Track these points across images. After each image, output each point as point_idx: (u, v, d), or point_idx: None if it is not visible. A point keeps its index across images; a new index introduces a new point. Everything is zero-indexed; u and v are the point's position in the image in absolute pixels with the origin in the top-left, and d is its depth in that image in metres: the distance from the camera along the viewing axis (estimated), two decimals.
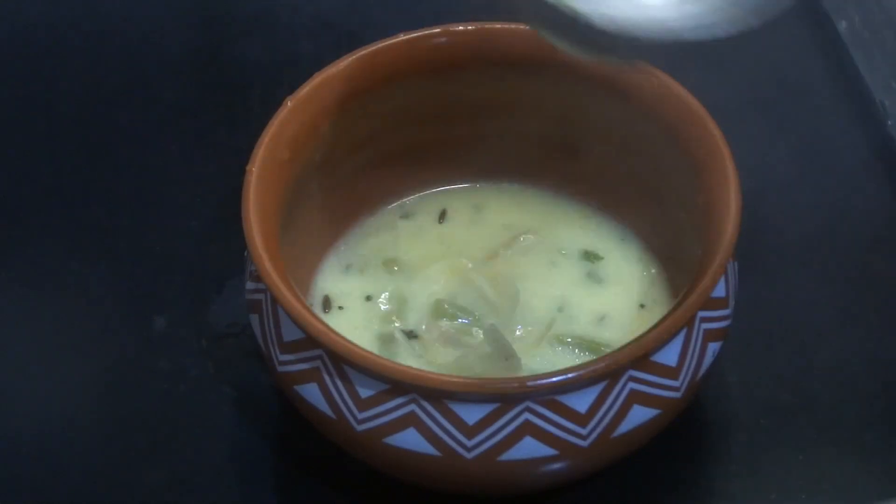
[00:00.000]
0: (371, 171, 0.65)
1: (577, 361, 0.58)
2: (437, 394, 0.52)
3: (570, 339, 0.60)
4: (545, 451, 0.53)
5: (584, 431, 0.53)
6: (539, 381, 0.52)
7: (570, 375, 0.52)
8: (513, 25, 0.61)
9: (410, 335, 0.60)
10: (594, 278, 0.62)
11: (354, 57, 0.61)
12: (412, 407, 0.53)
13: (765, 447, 0.61)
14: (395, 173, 0.65)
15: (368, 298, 0.62)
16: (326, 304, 0.62)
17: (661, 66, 0.53)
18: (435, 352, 0.59)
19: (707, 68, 0.62)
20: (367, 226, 0.65)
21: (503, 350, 0.57)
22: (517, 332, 0.60)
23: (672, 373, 0.54)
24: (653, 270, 0.63)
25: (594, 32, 0.44)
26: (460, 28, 0.62)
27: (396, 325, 0.60)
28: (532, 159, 0.65)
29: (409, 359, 0.59)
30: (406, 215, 0.65)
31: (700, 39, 0.45)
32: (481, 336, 0.59)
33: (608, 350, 0.57)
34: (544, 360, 0.59)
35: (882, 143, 0.73)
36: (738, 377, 0.63)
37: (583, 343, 0.59)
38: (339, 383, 0.54)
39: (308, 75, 0.60)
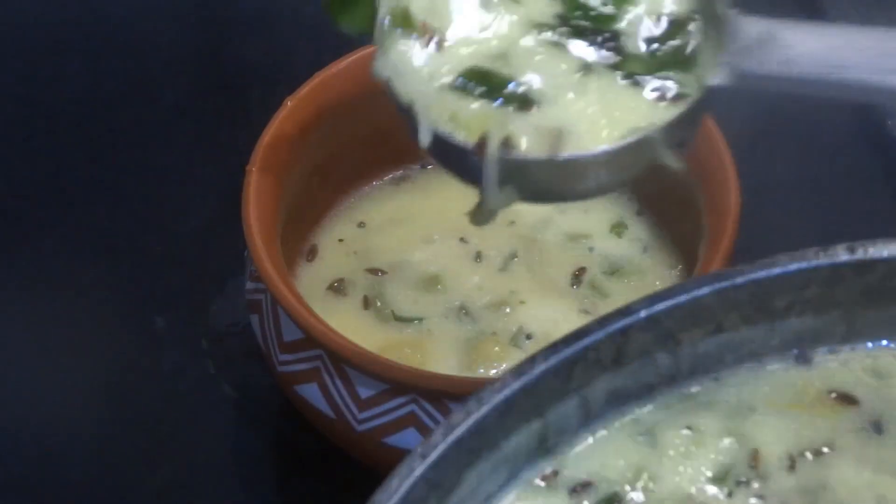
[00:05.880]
0: (372, 171, 0.65)
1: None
2: (437, 394, 0.52)
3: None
4: None
5: None
6: None
7: None
8: None
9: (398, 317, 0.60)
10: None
11: (354, 57, 0.61)
12: (412, 407, 0.53)
13: None
14: (396, 172, 0.65)
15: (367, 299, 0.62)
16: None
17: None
18: None
19: None
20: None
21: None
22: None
23: None
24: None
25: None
26: None
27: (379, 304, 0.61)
28: None
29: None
30: None
31: None
32: None
33: None
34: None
35: (882, 143, 0.73)
36: None
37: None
38: (339, 383, 0.54)
39: (308, 75, 0.60)
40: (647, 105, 0.45)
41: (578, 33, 0.46)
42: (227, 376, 0.65)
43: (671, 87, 0.45)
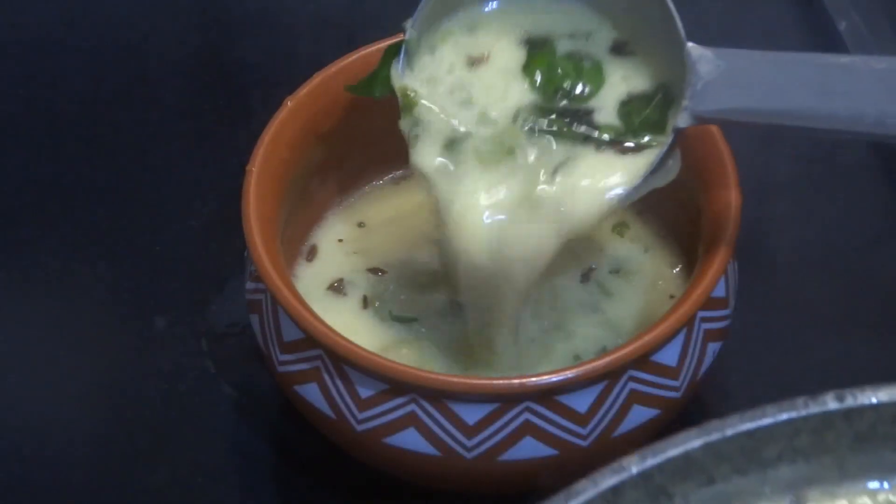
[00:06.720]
0: (372, 171, 0.65)
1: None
2: (437, 394, 0.52)
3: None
4: (545, 451, 0.53)
5: (584, 431, 0.53)
6: (539, 381, 0.52)
7: (569, 375, 0.52)
8: None
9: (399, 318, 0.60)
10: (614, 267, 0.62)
11: (354, 57, 0.61)
12: (412, 407, 0.53)
13: None
14: (396, 171, 0.65)
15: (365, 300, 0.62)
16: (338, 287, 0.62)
17: None
18: None
19: None
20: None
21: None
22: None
23: (672, 373, 0.54)
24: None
25: None
26: None
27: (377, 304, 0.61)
28: None
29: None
30: None
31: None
32: None
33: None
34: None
35: (882, 143, 0.73)
36: (738, 377, 0.63)
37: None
38: (339, 383, 0.54)
39: (308, 75, 0.60)
40: (626, 160, 0.53)
41: (559, 113, 0.54)
42: (227, 376, 0.65)
43: (643, 143, 0.53)
